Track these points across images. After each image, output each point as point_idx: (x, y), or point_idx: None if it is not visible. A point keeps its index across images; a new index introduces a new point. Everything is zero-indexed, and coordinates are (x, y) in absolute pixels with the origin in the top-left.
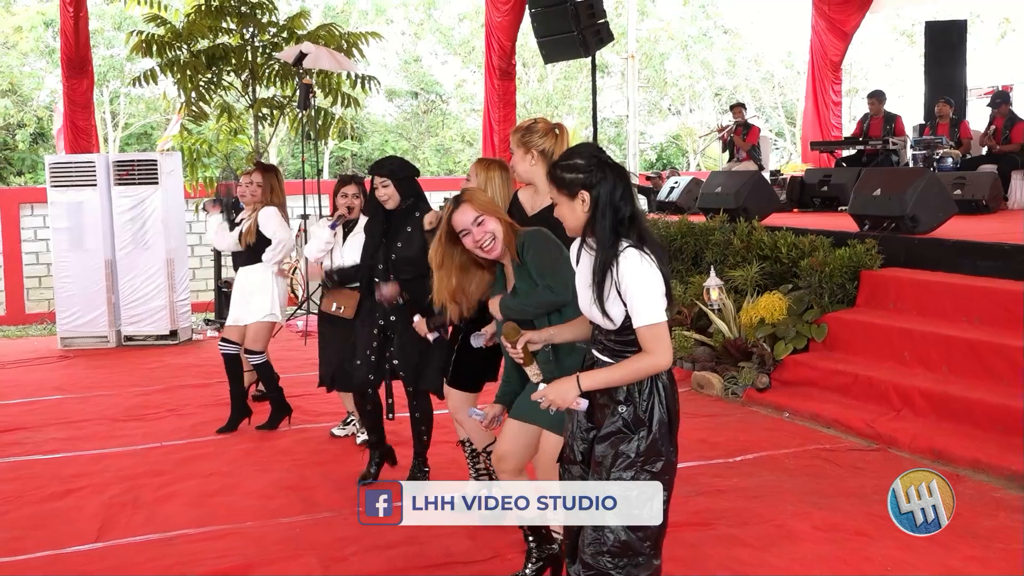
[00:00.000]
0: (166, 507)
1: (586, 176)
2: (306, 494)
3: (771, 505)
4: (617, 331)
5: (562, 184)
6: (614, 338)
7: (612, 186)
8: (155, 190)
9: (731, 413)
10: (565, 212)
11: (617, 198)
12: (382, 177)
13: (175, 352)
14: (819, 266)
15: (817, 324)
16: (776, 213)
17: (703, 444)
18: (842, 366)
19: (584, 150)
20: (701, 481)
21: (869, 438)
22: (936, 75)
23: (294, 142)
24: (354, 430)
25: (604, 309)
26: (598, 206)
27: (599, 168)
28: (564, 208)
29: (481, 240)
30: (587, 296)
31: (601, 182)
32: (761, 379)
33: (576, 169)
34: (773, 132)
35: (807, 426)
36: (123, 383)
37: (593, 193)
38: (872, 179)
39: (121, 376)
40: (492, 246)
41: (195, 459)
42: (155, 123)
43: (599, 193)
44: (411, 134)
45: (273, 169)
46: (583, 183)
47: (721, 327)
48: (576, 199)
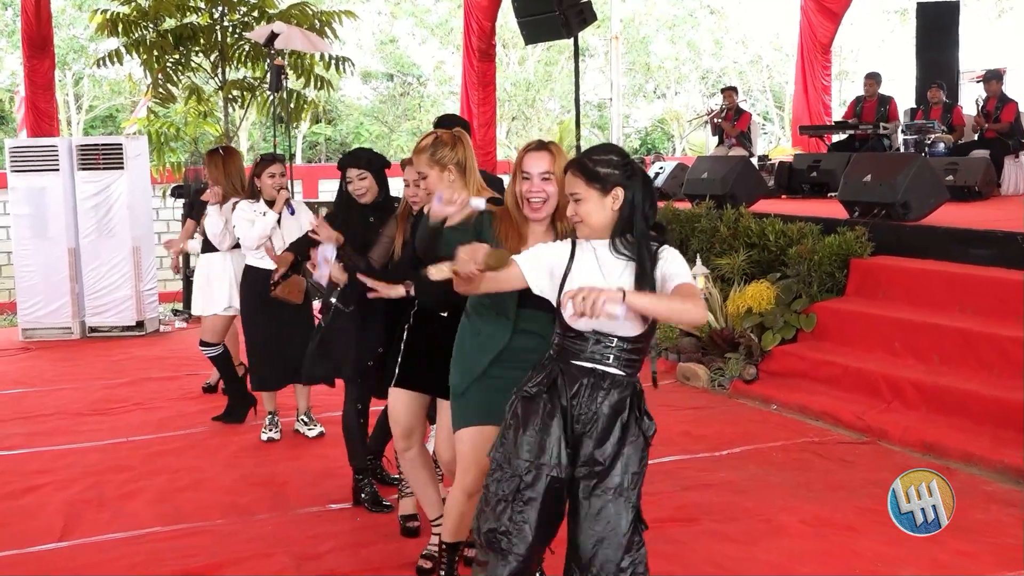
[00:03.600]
0: (132, 504)
1: (622, 172)
2: (278, 490)
3: (758, 500)
4: (635, 338)
5: (595, 178)
6: (630, 347)
7: (643, 192)
8: (120, 175)
9: (717, 405)
10: (590, 208)
11: (647, 206)
12: (359, 169)
13: (142, 344)
14: (808, 254)
15: (806, 314)
16: (764, 199)
17: (688, 437)
18: (831, 357)
19: (615, 148)
20: (686, 475)
21: (859, 431)
22: (928, 58)
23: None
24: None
25: None
26: (633, 206)
27: (633, 169)
28: (589, 204)
29: (535, 195)
30: None
31: (634, 183)
32: (748, 370)
33: (612, 164)
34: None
35: (795, 418)
36: (87, 376)
37: (627, 193)
38: (863, 165)
39: (85, 369)
40: (540, 207)
41: (162, 455)
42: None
43: (632, 194)
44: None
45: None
46: (619, 180)
47: (707, 317)
48: (608, 195)
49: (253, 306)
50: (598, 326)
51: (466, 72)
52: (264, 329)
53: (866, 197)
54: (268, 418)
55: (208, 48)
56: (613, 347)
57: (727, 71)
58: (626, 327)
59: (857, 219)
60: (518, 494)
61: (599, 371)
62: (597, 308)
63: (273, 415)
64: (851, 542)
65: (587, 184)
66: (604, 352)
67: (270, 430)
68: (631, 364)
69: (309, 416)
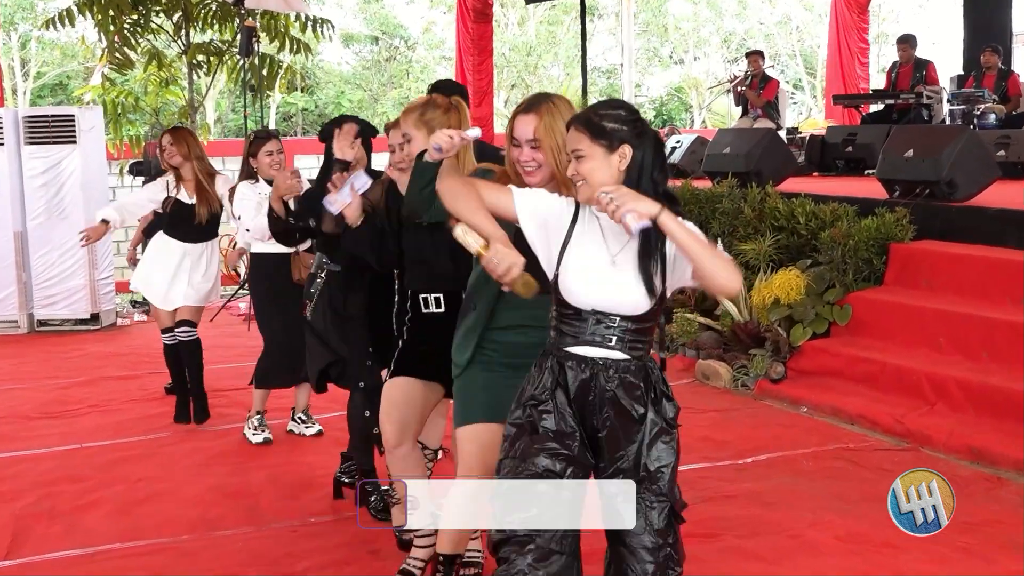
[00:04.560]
0: (88, 518)
1: (630, 129)
2: (251, 502)
3: (786, 513)
4: (640, 316)
5: (600, 133)
6: (634, 327)
7: (653, 153)
8: (72, 150)
9: (741, 407)
10: (594, 167)
11: (656, 169)
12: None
13: (97, 339)
14: (842, 238)
15: (840, 305)
16: (793, 177)
17: (708, 443)
18: (868, 353)
19: (624, 104)
20: (706, 486)
21: (899, 436)
22: (977, 18)
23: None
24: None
25: (651, 283)
26: (641, 168)
27: (643, 127)
28: (594, 162)
29: (526, 163)
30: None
31: (644, 143)
32: (775, 368)
33: (619, 120)
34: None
35: (828, 422)
36: (37, 375)
37: (636, 153)
38: (903, 138)
39: (34, 367)
40: (534, 171)
41: (121, 462)
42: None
43: (642, 154)
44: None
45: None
46: (627, 136)
47: (730, 309)
48: (614, 153)
49: (263, 296)
50: (597, 304)
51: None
52: (273, 322)
53: (907, 175)
54: (257, 418)
55: (170, 7)
56: (615, 327)
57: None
58: (627, 303)
59: (897, 199)
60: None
61: (602, 358)
62: (617, 214)
63: (262, 416)
64: (890, 561)
65: (591, 140)
66: (606, 333)
67: (261, 431)
68: (637, 346)
69: (307, 414)
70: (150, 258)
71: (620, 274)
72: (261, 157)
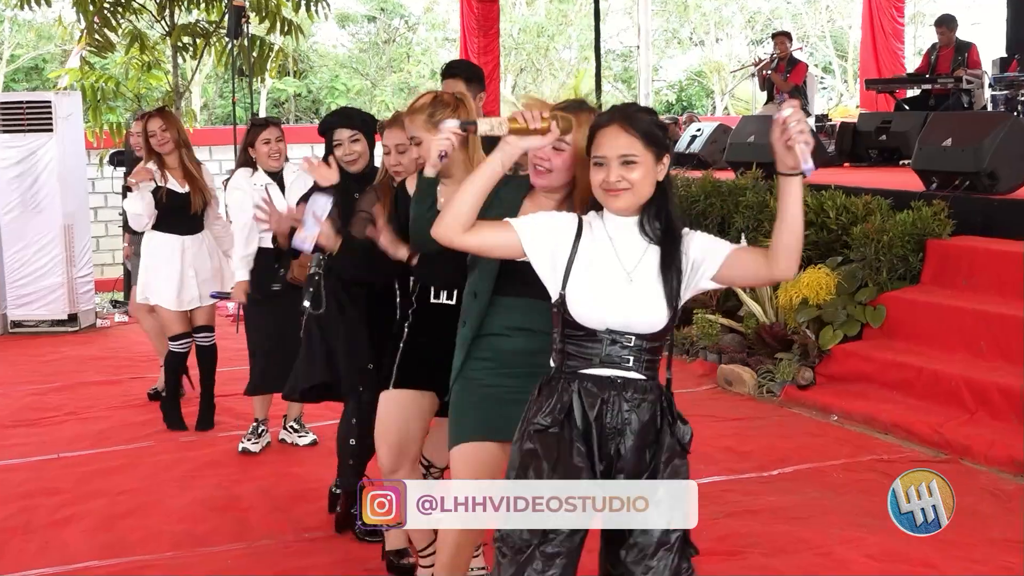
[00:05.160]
0: (65, 533)
1: (667, 138)
2: (240, 516)
3: (815, 529)
4: (656, 334)
5: (654, 140)
6: (649, 345)
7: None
8: (49, 139)
9: (766, 416)
10: (642, 176)
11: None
12: (353, 131)
13: (75, 341)
14: (875, 234)
15: (873, 306)
16: (823, 168)
17: (731, 454)
18: (903, 357)
19: (654, 111)
20: (729, 500)
21: (936, 447)
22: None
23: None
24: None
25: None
26: (669, 179)
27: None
28: (644, 170)
29: (540, 161)
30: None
31: (671, 154)
32: (803, 374)
33: (660, 126)
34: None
35: (860, 432)
36: (10, 380)
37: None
38: (941, 126)
39: (8, 371)
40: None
41: (101, 473)
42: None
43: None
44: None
45: None
46: (667, 145)
47: (754, 310)
48: (660, 162)
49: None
50: (612, 324)
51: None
52: (262, 324)
53: (946, 165)
54: (253, 426)
55: None
56: (631, 347)
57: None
58: (646, 321)
59: (935, 192)
60: (546, 541)
61: (619, 379)
62: (798, 139)
63: (259, 424)
64: None
65: (645, 145)
66: (621, 354)
67: (250, 440)
68: (651, 364)
69: (300, 423)
70: (149, 264)
71: (637, 290)
72: (259, 146)
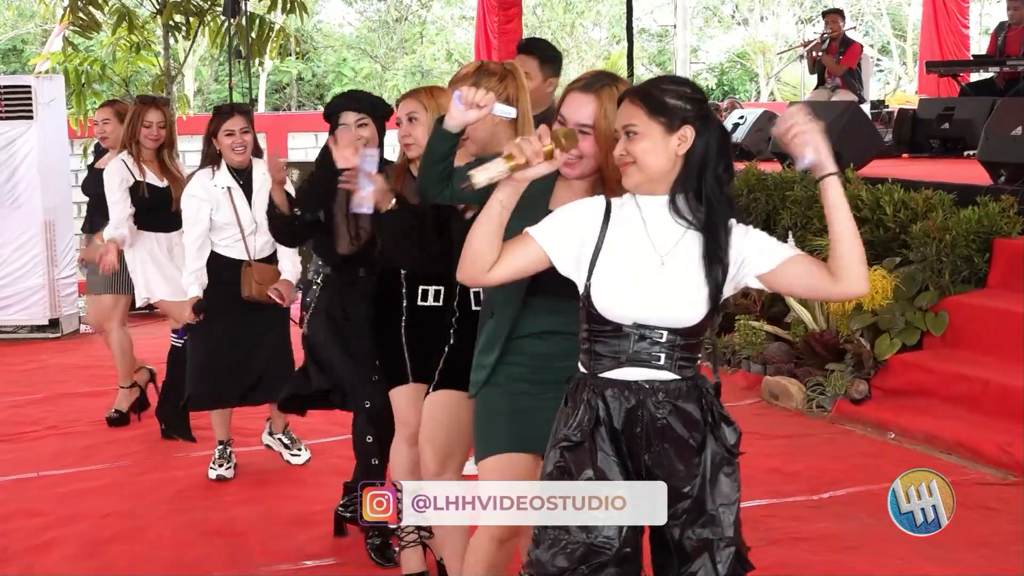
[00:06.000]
0: (46, 559)
1: (695, 109)
2: (237, 542)
3: (871, 559)
4: (691, 329)
5: (659, 108)
6: (683, 341)
7: (718, 142)
8: (29, 127)
9: (816, 433)
10: (648, 148)
11: (721, 164)
12: (360, 114)
13: (57, 348)
14: (937, 232)
15: (934, 312)
16: (879, 160)
17: (778, 475)
18: (968, 369)
19: (690, 82)
20: (775, 525)
21: (1005, 468)
22: None
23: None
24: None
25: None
26: (704, 158)
27: (709, 111)
28: (648, 142)
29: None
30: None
31: (709, 128)
32: (857, 387)
33: (683, 97)
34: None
35: (920, 451)
36: None
37: (699, 139)
38: (1011, 113)
39: None
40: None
41: (85, 494)
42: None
43: (706, 142)
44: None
45: None
46: (690, 116)
47: (803, 316)
48: (673, 134)
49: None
50: (641, 317)
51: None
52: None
53: (1016, 156)
54: (219, 449)
55: None
56: (663, 343)
57: None
58: (678, 313)
59: (1003, 186)
60: (585, 563)
61: (649, 381)
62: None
63: (225, 446)
64: None
65: (649, 115)
66: (652, 351)
67: (220, 466)
68: (688, 363)
69: (292, 436)
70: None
71: (670, 277)
72: (221, 137)
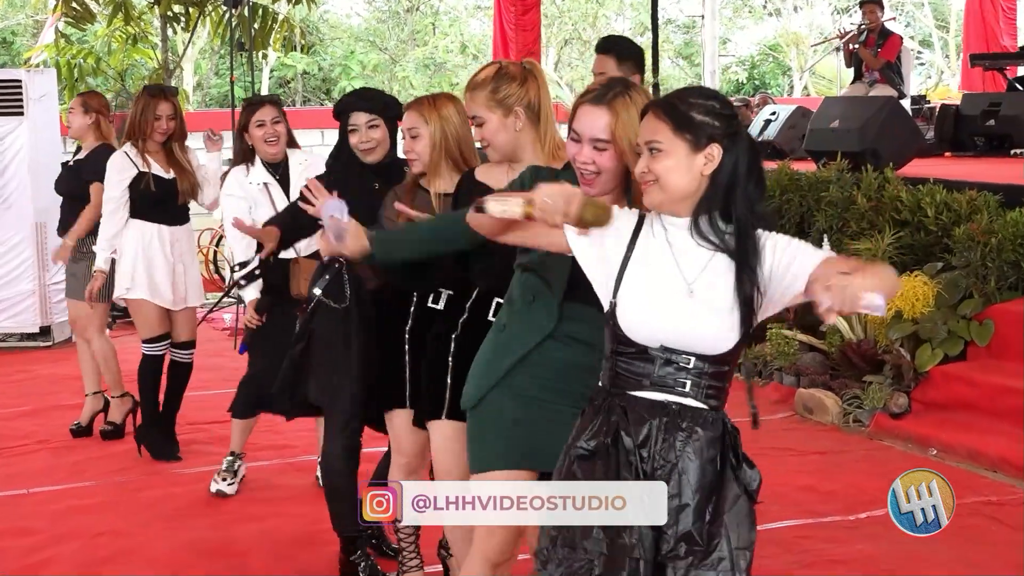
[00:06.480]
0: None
1: (724, 125)
2: (237, 561)
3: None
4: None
5: (686, 124)
6: (712, 369)
7: (748, 161)
8: (19, 123)
9: (853, 449)
10: (671, 166)
11: (752, 182)
12: (371, 115)
13: (48, 358)
14: (982, 236)
15: (979, 320)
16: (919, 159)
17: (812, 494)
18: (1014, 381)
19: (719, 95)
20: (809, 547)
21: None
22: None
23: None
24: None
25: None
26: (733, 177)
27: (739, 127)
28: (672, 160)
29: (583, 165)
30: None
31: (738, 146)
32: (897, 400)
33: (712, 112)
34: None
35: (963, 468)
36: None
37: (728, 157)
38: None
39: None
40: (592, 179)
41: (77, 511)
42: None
43: (735, 160)
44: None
45: None
46: (718, 134)
47: (839, 324)
48: (700, 152)
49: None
50: (670, 340)
51: None
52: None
53: None
54: (228, 461)
55: None
56: (690, 369)
57: None
58: (707, 340)
59: None
60: None
61: (673, 405)
62: (857, 304)
63: (235, 458)
64: None
65: (674, 131)
66: (678, 377)
67: (223, 480)
68: (715, 393)
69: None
70: (132, 256)
71: (699, 305)
72: (252, 130)
